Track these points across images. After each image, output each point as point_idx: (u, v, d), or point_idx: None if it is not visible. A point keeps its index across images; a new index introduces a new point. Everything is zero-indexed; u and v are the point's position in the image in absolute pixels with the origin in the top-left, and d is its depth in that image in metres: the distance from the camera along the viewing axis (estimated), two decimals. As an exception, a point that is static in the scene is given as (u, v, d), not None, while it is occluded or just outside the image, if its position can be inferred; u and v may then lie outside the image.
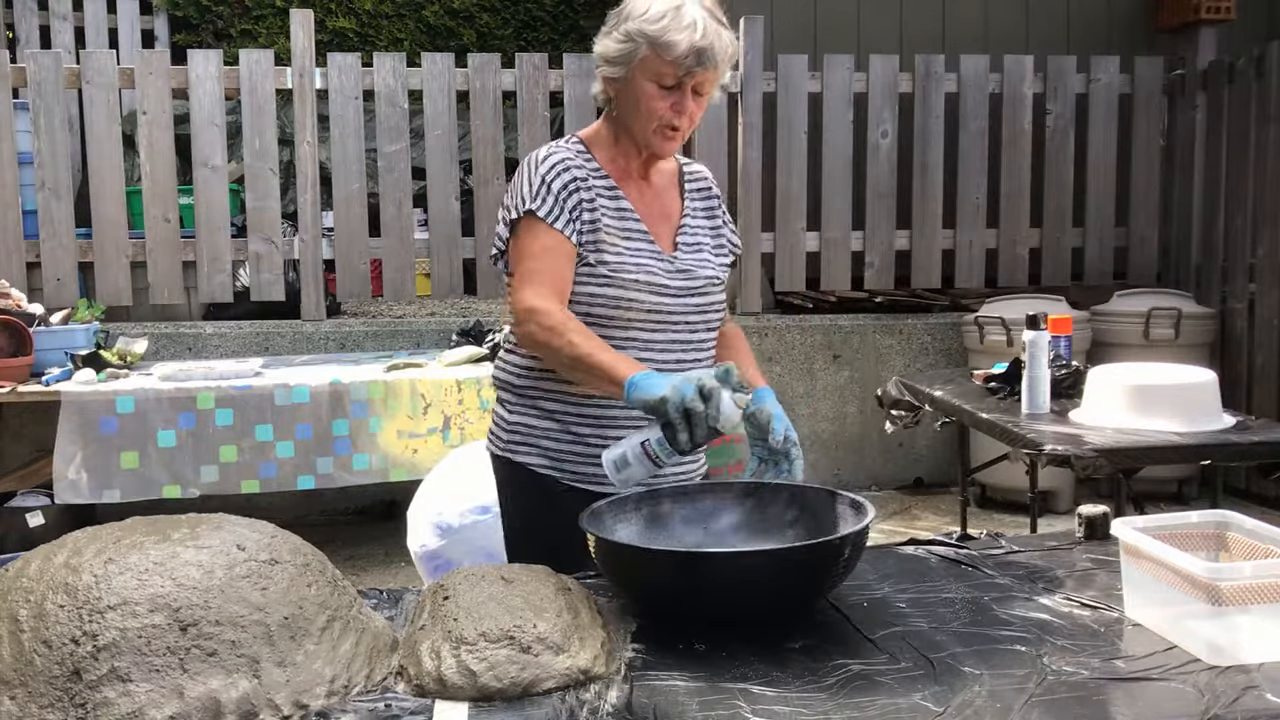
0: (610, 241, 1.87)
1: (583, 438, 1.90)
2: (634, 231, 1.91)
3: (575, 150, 1.92)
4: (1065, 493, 4.76)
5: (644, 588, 1.46)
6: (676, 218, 1.99)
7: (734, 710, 1.17)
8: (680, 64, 1.80)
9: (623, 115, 1.90)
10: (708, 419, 1.59)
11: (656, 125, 1.86)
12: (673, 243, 1.96)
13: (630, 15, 1.84)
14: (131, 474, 3.76)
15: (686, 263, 1.94)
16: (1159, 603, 1.36)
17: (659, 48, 1.80)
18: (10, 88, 4.68)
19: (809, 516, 1.60)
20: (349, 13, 7.06)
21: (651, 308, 1.87)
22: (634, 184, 1.95)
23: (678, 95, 1.84)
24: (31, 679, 1.12)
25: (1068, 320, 3.37)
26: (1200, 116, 5.26)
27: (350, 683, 1.23)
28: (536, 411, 1.93)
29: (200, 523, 1.29)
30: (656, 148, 1.90)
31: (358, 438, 3.89)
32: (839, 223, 5.25)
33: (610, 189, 1.91)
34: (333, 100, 4.84)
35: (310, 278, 4.87)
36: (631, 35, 1.82)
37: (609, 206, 1.90)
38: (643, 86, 1.84)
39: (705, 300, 1.96)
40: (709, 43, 1.79)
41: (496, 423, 2.00)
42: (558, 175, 1.87)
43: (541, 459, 1.92)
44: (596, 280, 1.86)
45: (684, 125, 1.87)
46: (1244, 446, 2.67)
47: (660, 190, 1.99)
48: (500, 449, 1.97)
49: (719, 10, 1.86)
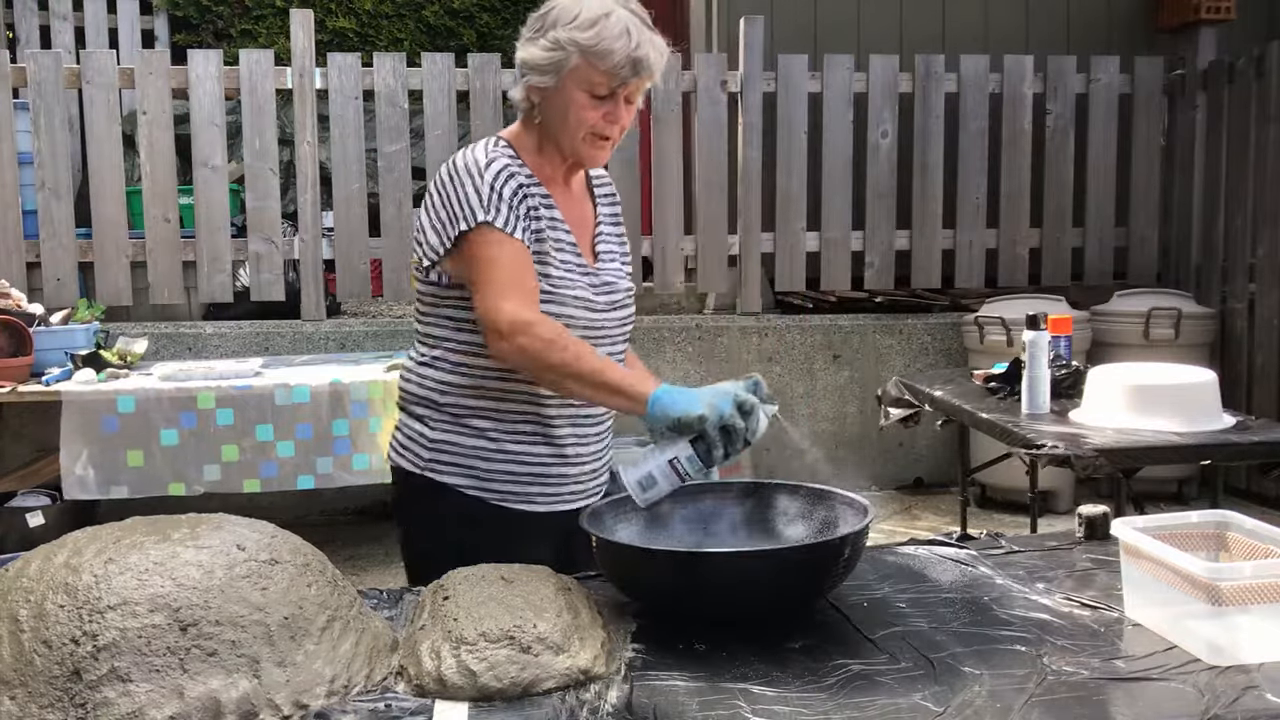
0: (551, 254, 1.79)
1: (516, 455, 1.82)
2: (565, 243, 1.82)
3: (508, 155, 1.81)
4: (1065, 493, 4.76)
5: (644, 588, 1.46)
6: (591, 226, 1.92)
7: (734, 710, 1.17)
8: (615, 74, 1.73)
9: (549, 124, 1.80)
10: (745, 434, 1.56)
11: (586, 134, 1.78)
12: (592, 253, 1.88)
13: (558, 22, 1.75)
14: (138, 471, 3.77)
15: (607, 274, 1.87)
16: (1159, 603, 1.36)
17: (593, 57, 1.72)
18: (10, 88, 4.68)
19: (809, 516, 1.60)
20: (349, 13, 7.05)
21: (586, 324, 1.79)
22: (559, 191, 1.86)
23: (610, 104, 1.76)
24: (31, 679, 1.12)
25: (1068, 320, 3.37)
26: (1200, 116, 5.26)
27: (350, 683, 1.23)
28: (465, 430, 1.82)
29: (200, 523, 1.29)
30: (586, 157, 1.82)
31: (358, 437, 3.88)
32: (839, 223, 5.25)
33: (545, 196, 1.82)
34: (333, 100, 4.84)
35: (310, 278, 4.87)
36: (561, 43, 1.74)
37: (545, 216, 1.81)
38: (573, 96, 1.75)
39: (625, 314, 1.90)
40: (644, 52, 1.73)
41: (412, 438, 1.86)
42: (505, 182, 1.76)
43: (467, 479, 1.82)
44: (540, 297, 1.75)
45: (615, 134, 1.79)
46: (1244, 446, 2.67)
47: (577, 196, 1.91)
48: (419, 467, 1.85)
49: (645, 14, 1.78)
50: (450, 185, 1.77)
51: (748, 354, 5.12)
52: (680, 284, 5.18)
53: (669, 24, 6.34)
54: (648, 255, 5.12)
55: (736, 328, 5.13)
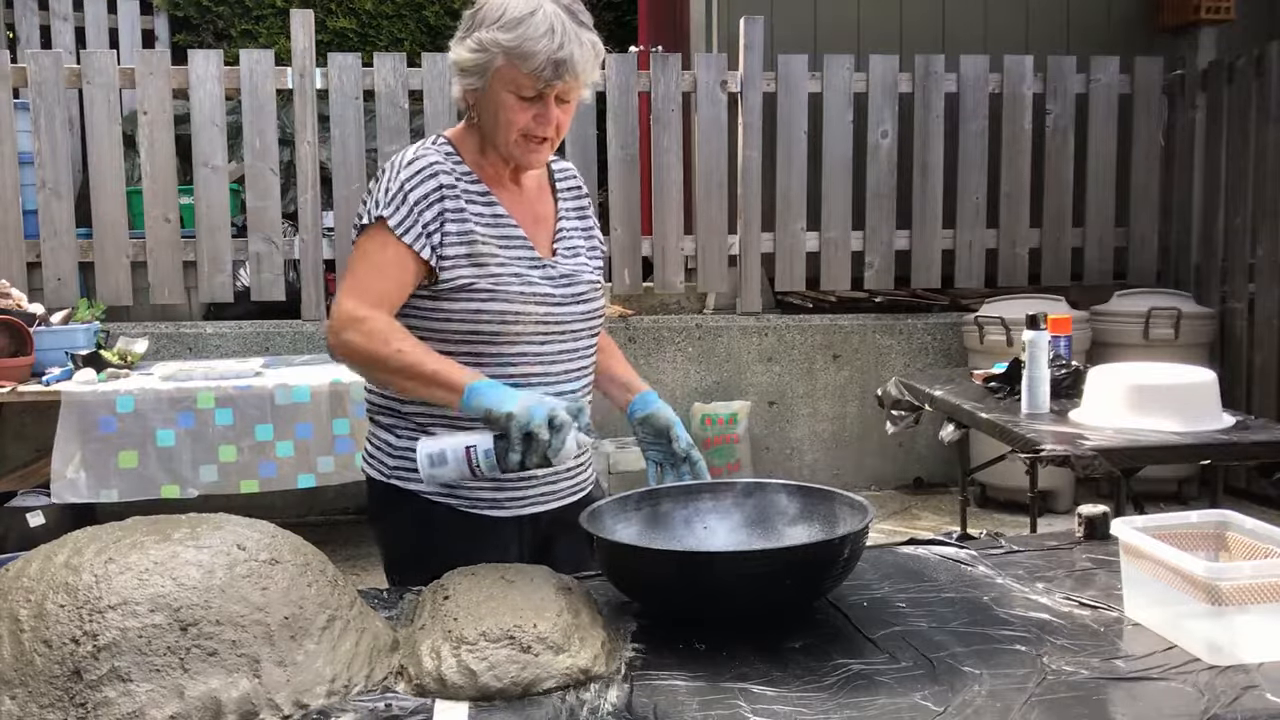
0: (489, 253, 1.74)
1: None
2: (513, 239, 1.78)
3: (444, 153, 1.77)
4: (1065, 493, 4.76)
5: (644, 588, 1.46)
6: (552, 221, 1.88)
7: (734, 710, 1.17)
8: (538, 76, 1.67)
9: (484, 125, 1.76)
10: (547, 448, 1.54)
11: (518, 136, 1.73)
12: (550, 248, 1.85)
13: (484, 21, 1.69)
14: (130, 473, 3.76)
15: (567, 268, 1.83)
16: (1159, 602, 1.36)
17: (515, 58, 1.66)
18: (11, 88, 4.68)
19: (809, 516, 1.60)
20: (349, 13, 7.05)
21: (540, 319, 1.76)
22: (506, 189, 1.82)
23: (539, 106, 1.71)
24: (32, 679, 1.12)
25: (1068, 320, 3.37)
26: (1200, 116, 5.26)
27: (350, 682, 1.23)
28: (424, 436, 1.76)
29: (201, 523, 1.29)
30: (521, 159, 1.77)
31: (358, 436, 3.88)
32: (839, 223, 5.25)
33: (484, 194, 1.78)
34: (333, 100, 4.84)
35: (310, 277, 4.87)
36: (485, 44, 1.68)
37: (483, 214, 1.77)
38: (501, 97, 1.70)
39: (589, 307, 1.86)
40: (568, 53, 1.66)
41: (379, 448, 1.84)
42: (420, 183, 1.72)
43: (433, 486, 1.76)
44: (479, 296, 1.73)
45: (551, 135, 1.74)
46: (1244, 446, 2.67)
47: (531, 193, 1.87)
48: (385, 475, 1.82)
49: (580, 9, 1.72)
50: (379, 177, 1.77)
51: (748, 354, 5.12)
52: (680, 284, 5.18)
53: (669, 24, 6.34)
54: (648, 255, 5.12)
55: (736, 328, 5.13)
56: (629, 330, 5.05)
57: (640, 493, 1.65)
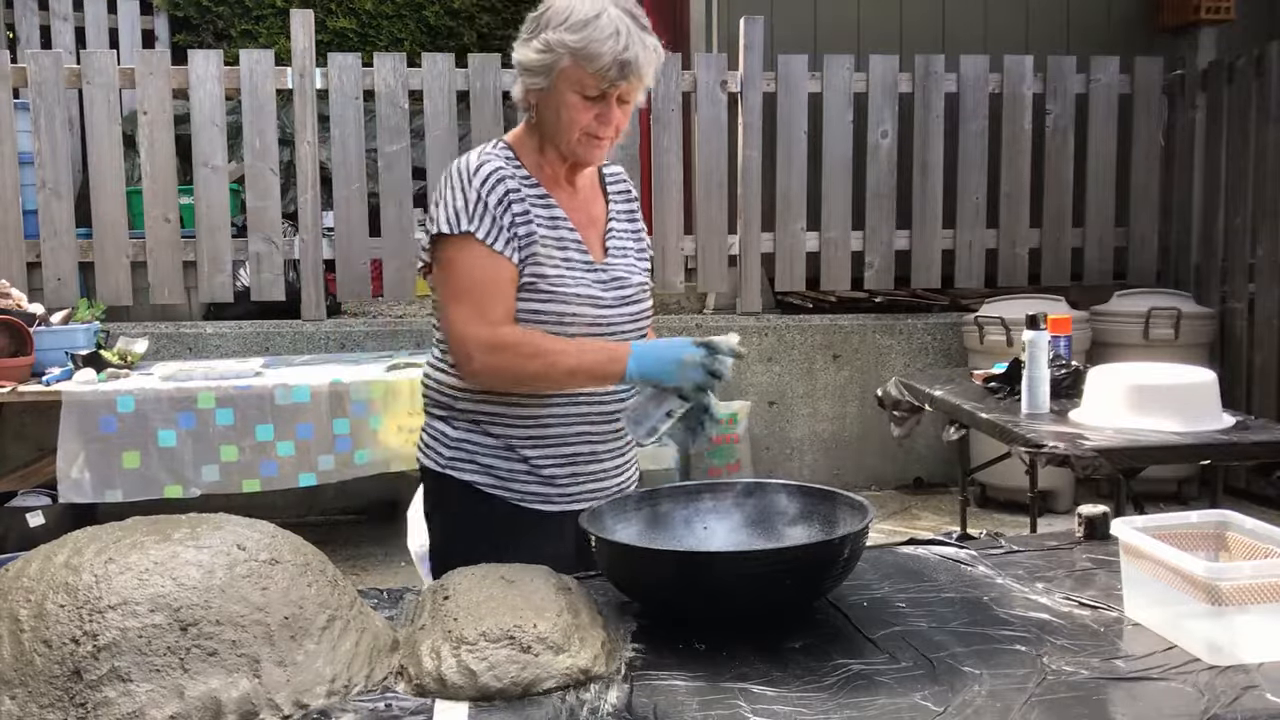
0: (547, 254, 1.80)
1: (529, 458, 1.85)
2: (569, 241, 1.84)
3: (505, 157, 1.83)
4: (1065, 493, 4.76)
5: (644, 588, 1.46)
6: (603, 223, 1.93)
7: (734, 710, 1.17)
8: (603, 76, 1.73)
9: (545, 124, 1.82)
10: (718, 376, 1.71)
11: (580, 135, 1.79)
12: (602, 250, 1.90)
13: (550, 23, 1.76)
14: (133, 473, 3.77)
15: (617, 270, 1.89)
16: (1159, 602, 1.36)
17: (581, 59, 1.73)
18: (11, 88, 4.68)
19: (808, 516, 1.60)
20: (349, 13, 7.05)
21: (591, 321, 1.82)
22: (562, 190, 1.88)
23: (602, 105, 1.77)
24: (32, 679, 1.12)
25: (1068, 320, 3.37)
26: (1200, 116, 5.26)
27: (350, 682, 1.23)
28: (481, 432, 1.86)
29: (201, 523, 1.29)
30: (582, 157, 1.83)
31: (359, 435, 3.89)
32: (839, 223, 5.25)
33: (542, 197, 1.84)
34: (333, 100, 4.84)
35: (310, 278, 4.87)
36: (552, 45, 1.74)
37: (542, 216, 1.82)
38: (565, 97, 1.77)
39: (637, 308, 1.91)
40: (633, 55, 1.73)
41: (435, 438, 1.90)
42: (492, 189, 1.78)
43: (487, 478, 1.86)
44: (538, 297, 1.79)
45: (609, 134, 1.80)
46: (1244, 446, 2.67)
47: (585, 195, 1.92)
48: (441, 465, 1.89)
49: (641, 13, 1.78)
50: (444, 189, 1.81)
51: (747, 354, 5.12)
52: (680, 284, 5.18)
53: (669, 24, 6.33)
54: (648, 255, 5.12)
55: (736, 327, 5.13)
56: (629, 330, 5.04)
57: (640, 493, 1.65)
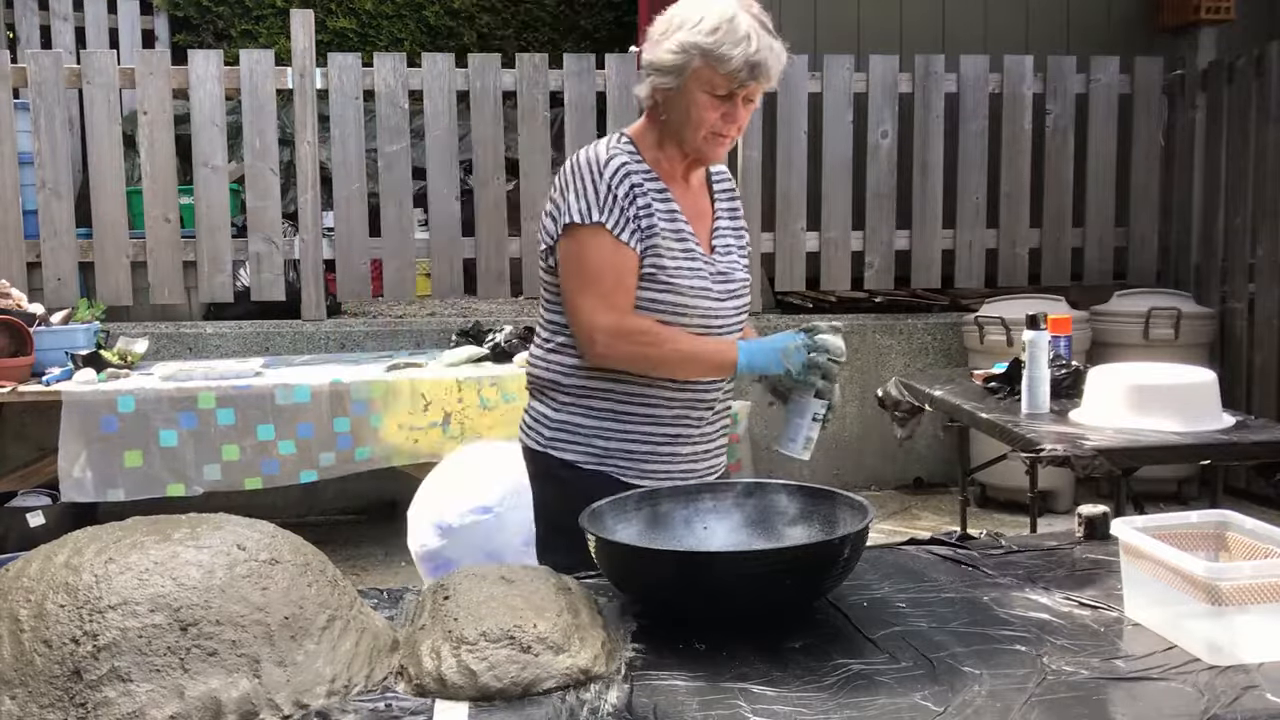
0: (666, 246, 1.90)
1: (631, 434, 1.95)
2: (684, 233, 1.94)
3: (628, 151, 1.93)
4: (1065, 493, 4.76)
5: (644, 588, 1.46)
6: (709, 219, 2.03)
7: (734, 710, 1.17)
8: (734, 77, 1.83)
9: (672, 122, 1.91)
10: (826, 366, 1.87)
11: (707, 133, 1.89)
12: (709, 245, 2.00)
13: (683, 26, 1.85)
14: (135, 472, 3.77)
15: (723, 265, 1.99)
16: (1159, 602, 1.36)
17: (714, 61, 1.82)
18: (11, 88, 4.68)
19: (809, 516, 1.60)
20: (349, 13, 7.06)
21: (704, 313, 1.93)
22: (677, 185, 1.97)
23: (729, 105, 1.87)
24: (32, 679, 1.12)
25: (1068, 320, 3.37)
26: (1200, 116, 5.26)
27: (350, 682, 1.23)
28: (585, 410, 1.96)
29: (201, 523, 1.29)
30: (706, 154, 1.93)
31: (359, 432, 3.89)
32: (839, 223, 5.25)
33: (661, 191, 1.93)
34: (333, 100, 4.84)
35: (310, 278, 4.87)
36: (686, 47, 1.84)
37: (661, 209, 1.92)
38: (695, 96, 1.86)
39: (741, 303, 2.02)
40: (763, 57, 1.83)
41: (537, 419, 2.01)
42: (621, 181, 1.88)
43: (589, 456, 1.95)
44: (656, 286, 1.89)
45: (734, 132, 1.91)
46: (1244, 446, 2.67)
47: (696, 191, 2.02)
48: (542, 445, 1.99)
49: (767, 18, 1.88)
50: (571, 178, 1.91)
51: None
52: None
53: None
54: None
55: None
56: (629, 330, 5.04)
57: (640, 493, 1.65)
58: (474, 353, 4.25)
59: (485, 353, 4.25)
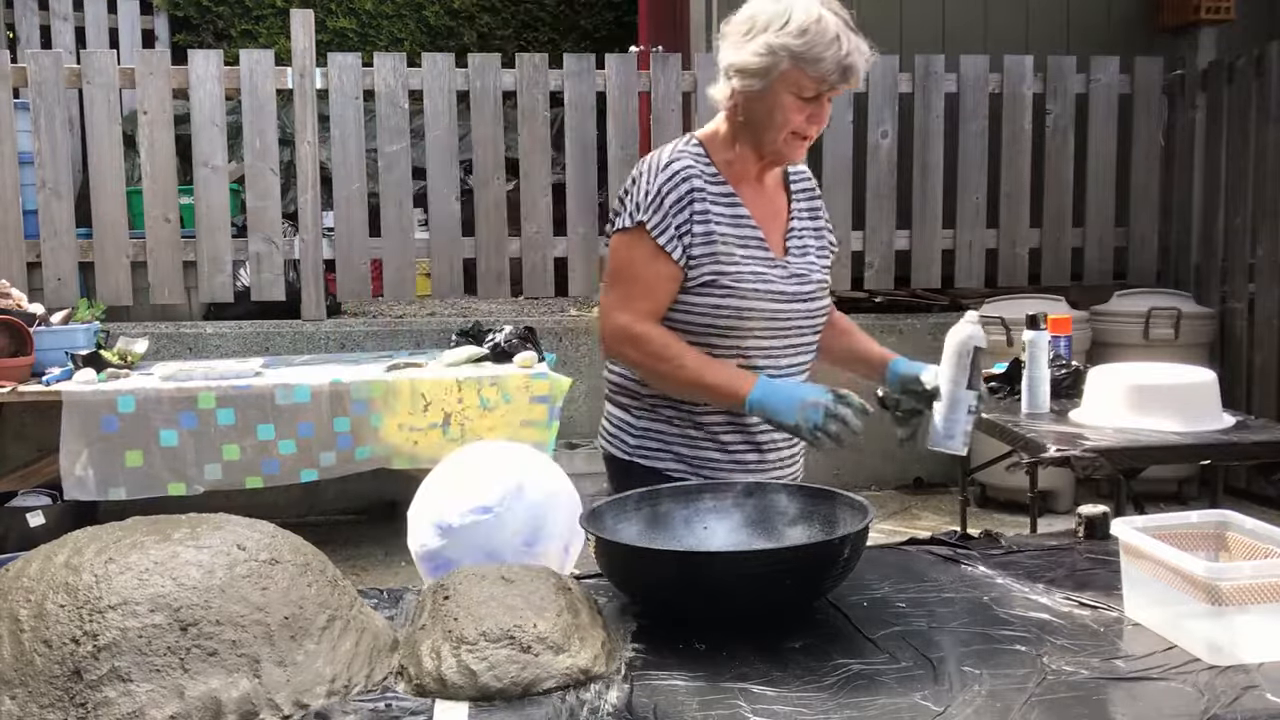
0: (727, 252, 1.87)
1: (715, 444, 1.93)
2: (750, 239, 1.91)
3: (695, 155, 1.91)
4: (1065, 493, 4.76)
5: (644, 588, 1.46)
6: (785, 219, 2.00)
7: (734, 710, 1.17)
8: (824, 79, 1.80)
9: (753, 123, 1.88)
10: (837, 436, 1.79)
11: (787, 135, 1.86)
12: (783, 246, 1.96)
13: (769, 26, 1.81)
14: (136, 472, 3.77)
15: (798, 266, 1.96)
16: (1159, 602, 1.36)
17: (804, 64, 1.79)
18: (11, 88, 4.68)
19: (809, 516, 1.60)
20: (349, 13, 7.06)
21: (770, 316, 1.90)
22: (749, 187, 1.94)
23: (815, 106, 1.84)
24: (32, 679, 1.12)
25: (1068, 320, 3.37)
26: (1200, 116, 5.26)
27: (350, 682, 1.23)
28: (665, 419, 1.95)
29: (201, 523, 1.29)
30: (786, 155, 1.90)
31: (360, 432, 3.89)
32: (839, 222, 5.24)
33: (728, 195, 1.91)
34: (333, 100, 4.84)
35: (310, 278, 4.87)
36: (774, 49, 1.80)
37: (725, 215, 1.89)
38: (781, 99, 1.83)
39: (816, 305, 1.98)
40: (853, 59, 1.79)
41: (620, 427, 2.01)
42: (674, 187, 1.86)
43: (677, 463, 1.94)
44: (718, 292, 1.87)
45: (815, 133, 1.88)
46: (1244, 446, 2.67)
47: (770, 192, 1.99)
48: (627, 453, 1.99)
49: (848, 15, 1.84)
50: (635, 177, 1.92)
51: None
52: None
53: (669, 24, 6.34)
54: (648, 255, 5.12)
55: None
56: (629, 330, 5.04)
57: (640, 492, 1.65)
58: (474, 353, 4.25)
59: (485, 353, 4.25)
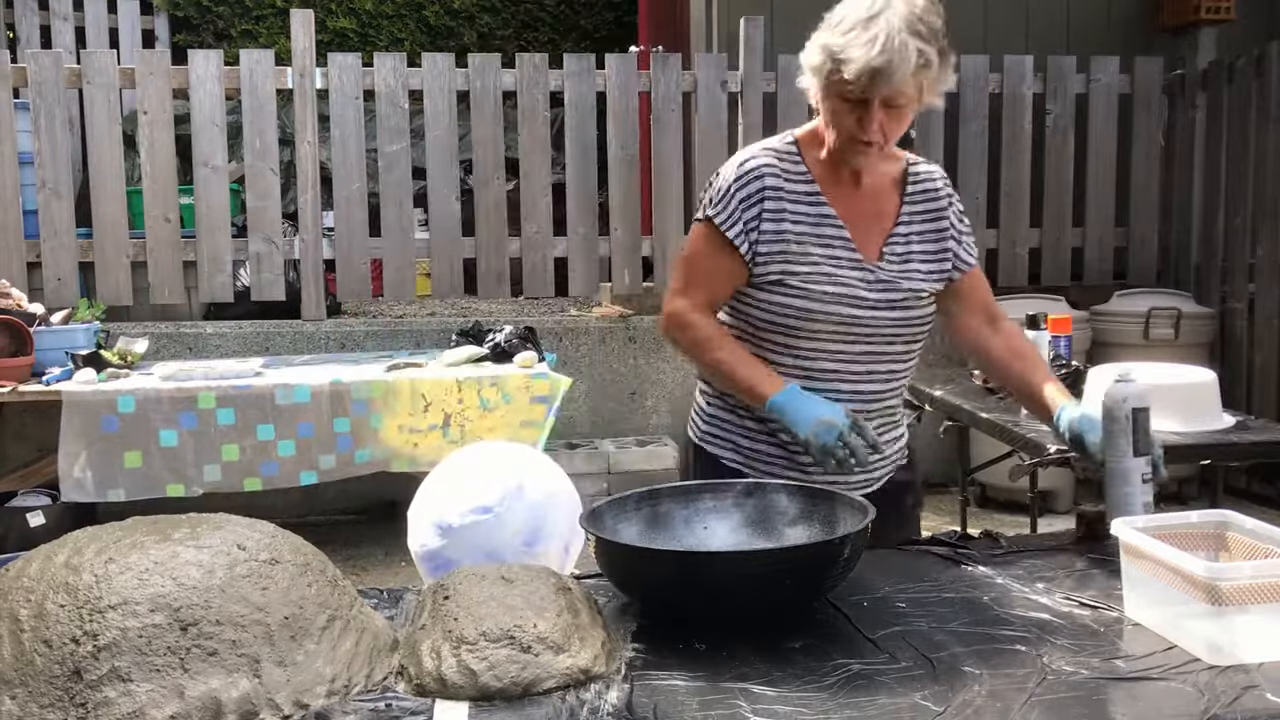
0: (801, 252, 1.83)
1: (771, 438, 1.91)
2: (834, 239, 1.85)
3: (783, 153, 1.89)
4: (1065, 493, 4.76)
5: (644, 588, 1.46)
6: (889, 223, 1.90)
7: (734, 710, 1.17)
8: (855, 81, 1.69)
9: (822, 124, 1.84)
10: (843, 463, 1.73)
11: (845, 138, 1.79)
12: (879, 251, 1.87)
13: (828, 24, 1.75)
14: (135, 472, 3.77)
15: (889, 273, 1.86)
16: (1159, 602, 1.36)
17: (837, 63, 1.71)
18: (11, 88, 4.68)
19: (809, 516, 1.60)
20: (349, 13, 7.06)
21: (843, 320, 1.83)
22: (841, 187, 1.88)
23: (862, 110, 1.74)
24: (32, 679, 1.12)
25: (1068, 320, 3.38)
26: (1200, 116, 5.26)
27: (350, 682, 1.23)
28: (730, 408, 1.96)
29: (201, 523, 1.29)
30: (850, 159, 1.83)
31: (359, 433, 3.88)
32: (839, 223, 5.24)
33: (812, 195, 1.86)
34: (333, 100, 4.84)
35: (310, 278, 4.87)
36: (821, 47, 1.75)
37: (806, 214, 1.85)
38: (830, 99, 1.77)
39: (906, 314, 1.87)
40: (886, 60, 1.66)
41: (697, 410, 2.04)
42: (745, 184, 1.86)
43: (733, 453, 1.95)
44: (786, 291, 1.83)
45: (876, 138, 1.76)
46: (1244, 446, 2.68)
47: (873, 193, 1.90)
48: (697, 438, 2.02)
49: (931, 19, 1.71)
50: (717, 173, 1.95)
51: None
52: (681, 284, 5.17)
53: (669, 24, 6.34)
54: (648, 255, 5.12)
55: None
56: (629, 330, 5.05)
57: (640, 492, 1.65)
58: (474, 353, 4.25)
59: (485, 353, 4.25)
